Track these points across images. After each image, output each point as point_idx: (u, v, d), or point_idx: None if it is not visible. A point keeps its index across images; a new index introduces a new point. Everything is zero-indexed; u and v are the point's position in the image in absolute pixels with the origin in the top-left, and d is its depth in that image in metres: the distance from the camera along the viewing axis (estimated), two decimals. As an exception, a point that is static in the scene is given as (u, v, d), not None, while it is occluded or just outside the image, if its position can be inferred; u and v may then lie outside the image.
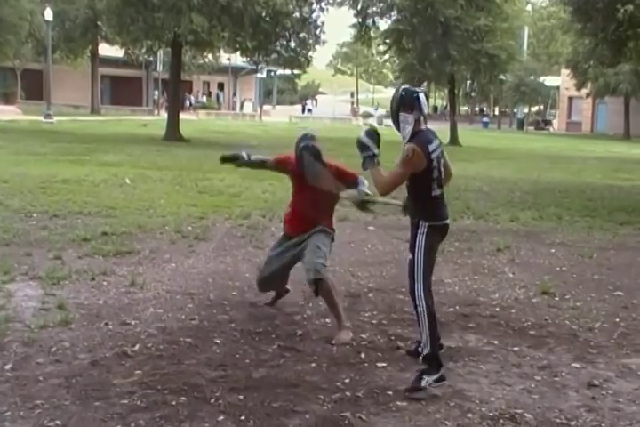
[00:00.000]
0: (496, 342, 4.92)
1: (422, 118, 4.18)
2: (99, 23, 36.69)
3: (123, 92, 51.06)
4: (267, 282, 5.38)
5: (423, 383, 3.94)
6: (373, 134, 4.23)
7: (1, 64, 39.67)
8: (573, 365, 4.54)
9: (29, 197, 10.06)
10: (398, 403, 3.83)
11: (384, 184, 4.19)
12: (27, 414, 3.50)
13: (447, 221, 4.34)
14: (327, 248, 5.09)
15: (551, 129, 55.91)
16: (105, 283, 5.95)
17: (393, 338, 4.92)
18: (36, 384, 3.86)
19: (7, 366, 4.09)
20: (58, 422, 3.42)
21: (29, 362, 4.17)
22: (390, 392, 3.96)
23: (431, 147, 4.13)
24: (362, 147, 4.21)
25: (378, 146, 4.21)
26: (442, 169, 4.23)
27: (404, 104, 4.14)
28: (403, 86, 4.28)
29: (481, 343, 4.90)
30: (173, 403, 3.70)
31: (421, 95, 4.16)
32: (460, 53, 30.16)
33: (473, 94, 62.50)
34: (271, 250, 5.43)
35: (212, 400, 3.76)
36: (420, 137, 4.14)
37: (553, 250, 8.31)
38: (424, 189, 4.20)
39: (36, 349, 4.38)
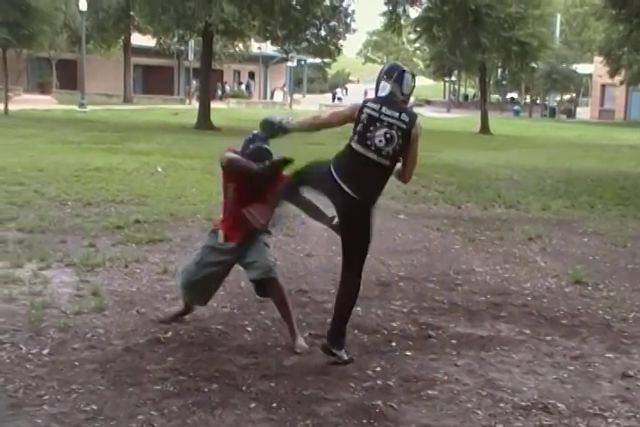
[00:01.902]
0: (528, 332, 4.89)
1: (401, 96, 4.17)
2: (131, 13, 36.95)
3: (154, 81, 51.37)
4: (199, 287, 4.64)
5: None
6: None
7: (37, 54, 40.14)
8: (607, 355, 4.50)
9: (64, 186, 10.19)
10: (429, 392, 3.82)
11: (317, 116, 4.47)
12: (64, 398, 3.57)
13: (343, 185, 4.07)
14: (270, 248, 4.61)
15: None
16: (138, 270, 6.02)
17: (424, 327, 4.91)
18: (71, 369, 3.92)
19: (45, 351, 4.16)
20: (94, 407, 3.47)
21: (65, 347, 4.24)
22: (421, 381, 3.96)
23: (372, 105, 4.12)
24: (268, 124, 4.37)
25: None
26: (375, 132, 4.07)
27: (389, 74, 4.18)
28: (394, 61, 4.39)
29: (513, 333, 4.88)
30: (205, 390, 3.74)
31: (407, 74, 4.19)
32: (491, 41, 29.83)
33: (504, 82, 61.77)
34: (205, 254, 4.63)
35: (244, 387, 3.79)
36: (376, 97, 4.19)
37: (585, 239, 8.22)
38: (351, 137, 4.18)
39: (72, 334, 4.45)
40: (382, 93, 4.16)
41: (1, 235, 7.01)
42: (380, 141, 4.09)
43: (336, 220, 4.31)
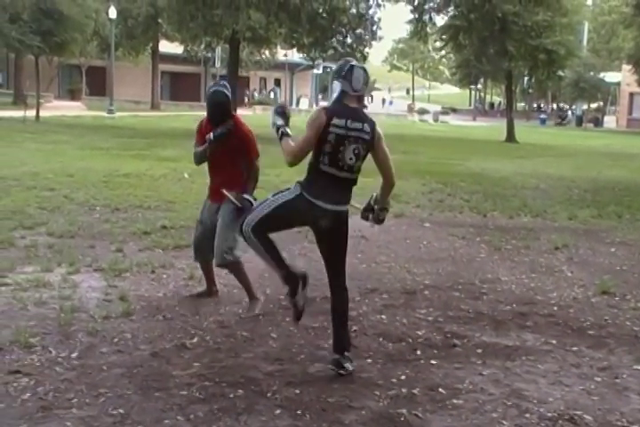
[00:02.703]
0: (554, 342, 4.86)
1: (353, 93, 3.99)
2: (159, 20, 37.37)
3: (181, 88, 51.89)
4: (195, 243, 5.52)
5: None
6: (282, 111, 4.19)
7: (68, 61, 40.78)
8: (635, 367, 4.45)
9: (93, 191, 10.33)
10: (455, 401, 3.81)
11: (289, 150, 4.00)
12: (92, 401, 3.61)
13: (324, 205, 3.98)
14: (234, 224, 4.81)
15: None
16: (164, 276, 6.08)
17: (449, 335, 4.89)
18: (100, 373, 3.97)
19: (73, 355, 4.22)
20: (121, 411, 3.51)
21: (94, 351, 4.29)
22: (446, 390, 3.95)
23: (337, 121, 3.91)
24: (272, 120, 4.18)
25: (287, 123, 4.13)
26: (345, 152, 3.93)
27: (338, 72, 4.04)
28: (345, 58, 4.20)
29: (539, 343, 4.85)
30: (231, 396, 3.76)
31: (357, 69, 4.01)
32: (518, 49, 29.71)
33: (530, 91, 61.46)
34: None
35: (269, 394, 3.80)
36: (336, 107, 4.01)
37: (613, 249, 8.15)
38: (314, 158, 4.00)
39: (100, 339, 4.51)
40: (334, 94, 4.04)
41: (32, 239, 7.12)
42: (351, 159, 3.98)
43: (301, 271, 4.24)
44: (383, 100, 66.29)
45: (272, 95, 53.40)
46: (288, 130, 4.08)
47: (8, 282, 5.60)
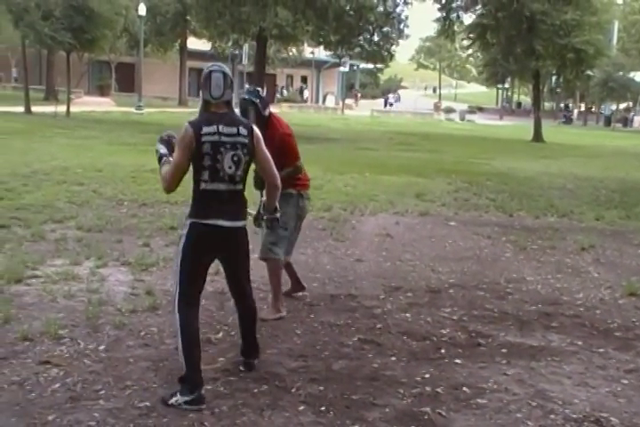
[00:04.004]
0: (580, 343, 4.82)
1: (214, 101, 3.69)
2: (188, 17, 37.62)
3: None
4: None
5: (171, 401, 3.55)
6: (168, 140, 3.92)
7: (97, 58, 41.17)
8: (662, 370, 4.41)
9: (121, 186, 10.45)
10: (479, 400, 3.81)
11: (163, 177, 3.74)
12: (119, 393, 3.66)
13: (218, 222, 3.70)
14: (285, 217, 4.81)
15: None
16: (190, 271, 6.11)
17: (474, 335, 4.88)
18: (126, 366, 4.02)
19: (101, 347, 4.29)
20: (147, 404, 3.55)
21: (120, 344, 4.36)
22: (470, 389, 3.94)
23: (207, 129, 3.61)
24: (156, 147, 3.95)
25: (170, 152, 3.83)
26: (224, 161, 3.65)
27: (202, 82, 3.72)
28: (211, 64, 3.82)
29: (564, 343, 4.82)
30: (255, 391, 3.79)
31: (215, 74, 3.68)
32: (546, 48, 29.43)
33: (558, 90, 60.86)
34: None
35: (293, 390, 3.83)
36: (202, 117, 3.70)
37: (641, 251, 8.06)
38: (194, 178, 3.70)
39: (127, 332, 4.57)
40: (219, 110, 3.72)
41: (61, 233, 7.24)
42: (230, 168, 3.68)
43: None
44: (385, 101, 65.93)
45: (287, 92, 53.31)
46: (171, 159, 3.78)
47: (39, 274, 5.70)
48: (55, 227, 7.51)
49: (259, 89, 5.16)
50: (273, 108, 5.37)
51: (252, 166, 3.98)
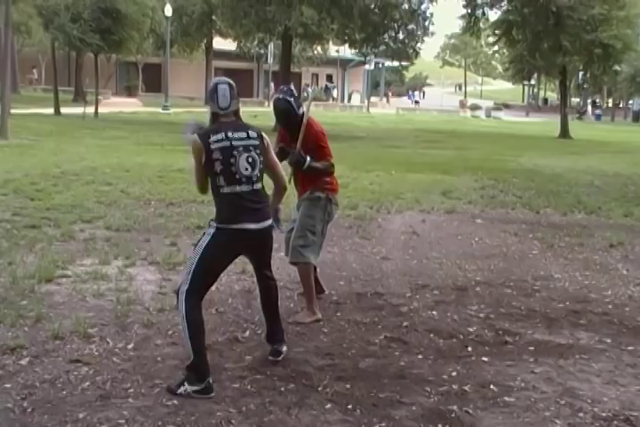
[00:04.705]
0: (609, 341, 4.78)
1: (222, 112, 3.90)
2: (213, 17, 37.80)
3: (235, 83, 52.15)
4: None
5: (180, 390, 3.66)
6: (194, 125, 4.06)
7: (125, 59, 41.55)
8: (693, 368, 4.35)
9: (148, 186, 10.55)
10: (506, 398, 3.79)
11: (195, 180, 3.97)
12: (147, 391, 3.70)
13: (247, 226, 3.83)
14: (313, 221, 5.05)
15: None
16: (217, 270, 6.15)
17: (501, 332, 4.86)
18: (155, 364, 4.07)
19: (130, 346, 4.34)
20: (175, 402, 3.59)
21: (149, 343, 4.40)
22: (497, 387, 3.92)
23: (215, 136, 3.76)
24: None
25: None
26: (238, 163, 3.78)
27: (209, 95, 3.97)
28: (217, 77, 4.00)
29: (593, 341, 4.77)
30: (282, 389, 3.80)
31: (221, 86, 3.90)
32: (573, 44, 29.09)
33: (585, 86, 60.15)
34: None
35: (320, 388, 3.84)
36: (210, 128, 3.88)
37: (671, 248, 7.95)
38: (213, 184, 3.83)
39: (155, 331, 4.62)
40: (226, 119, 3.92)
41: (90, 232, 7.33)
42: (247, 169, 3.81)
43: None
44: (409, 97, 65.55)
45: (308, 92, 53.23)
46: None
47: (68, 274, 5.78)
48: (84, 227, 7.61)
49: (292, 89, 5.19)
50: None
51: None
